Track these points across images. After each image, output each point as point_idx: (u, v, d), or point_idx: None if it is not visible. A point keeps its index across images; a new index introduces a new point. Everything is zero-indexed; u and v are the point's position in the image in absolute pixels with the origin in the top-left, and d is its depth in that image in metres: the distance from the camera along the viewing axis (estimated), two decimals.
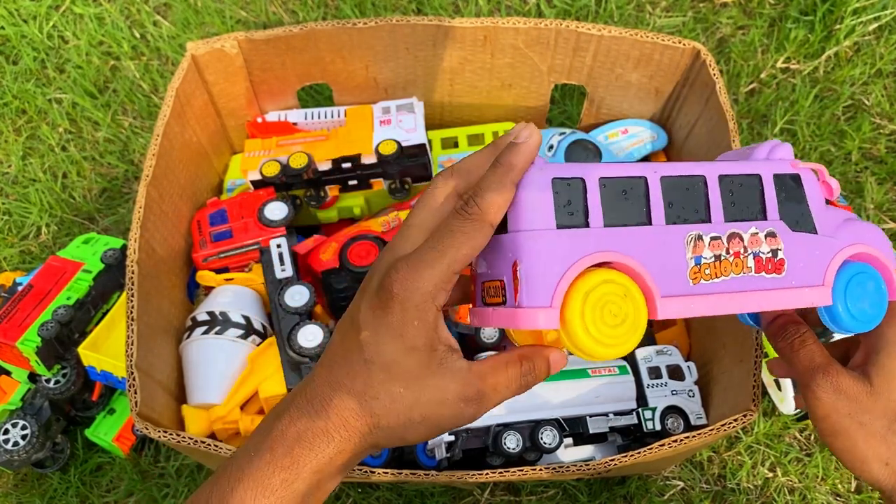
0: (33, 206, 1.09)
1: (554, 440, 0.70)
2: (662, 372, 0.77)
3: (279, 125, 0.94)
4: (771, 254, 0.42)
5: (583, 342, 0.37)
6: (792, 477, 0.92)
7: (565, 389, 0.73)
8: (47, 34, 1.21)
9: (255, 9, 1.22)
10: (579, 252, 0.37)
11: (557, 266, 0.37)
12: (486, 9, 1.20)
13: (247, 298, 0.82)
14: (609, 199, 0.39)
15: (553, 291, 0.37)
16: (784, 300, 0.42)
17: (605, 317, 0.37)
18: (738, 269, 0.41)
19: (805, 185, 0.43)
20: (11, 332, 0.83)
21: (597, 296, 0.37)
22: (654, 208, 0.39)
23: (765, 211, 0.42)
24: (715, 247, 0.40)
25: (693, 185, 0.41)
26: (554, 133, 0.91)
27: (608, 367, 0.75)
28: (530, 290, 0.37)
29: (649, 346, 0.78)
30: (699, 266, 0.40)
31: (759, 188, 0.42)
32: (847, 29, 1.15)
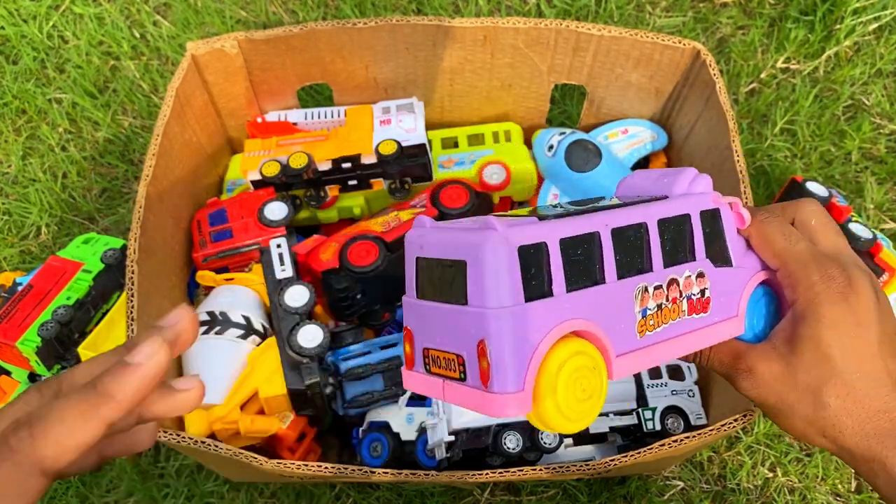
0: (33, 206, 1.09)
1: (554, 440, 0.70)
2: (662, 372, 0.77)
3: (279, 125, 0.94)
4: (700, 294, 0.41)
5: (553, 420, 0.35)
6: (792, 477, 0.92)
7: None
8: (47, 34, 1.21)
9: (255, 9, 1.22)
10: (548, 325, 0.34)
11: (528, 344, 0.34)
12: (486, 9, 1.20)
13: (247, 298, 0.82)
14: (568, 262, 0.36)
15: (525, 373, 0.34)
16: (707, 338, 0.42)
17: (576, 392, 0.36)
18: (675, 315, 0.40)
19: (723, 218, 0.43)
20: (11, 332, 0.83)
21: (568, 371, 0.35)
22: (606, 264, 0.37)
23: (694, 251, 0.41)
24: (657, 296, 0.39)
25: (637, 233, 0.39)
26: (554, 133, 0.91)
27: None
28: (500, 374, 0.33)
29: None
30: (645, 318, 0.39)
31: (688, 228, 0.41)
32: (847, 29, 1.15)
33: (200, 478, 0.91)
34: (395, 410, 0.79)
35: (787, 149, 1.11)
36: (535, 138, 0.94)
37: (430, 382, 0.38)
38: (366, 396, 0.80)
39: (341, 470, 0.66)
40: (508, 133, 0.96)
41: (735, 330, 0.44)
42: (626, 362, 0.38)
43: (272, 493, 0.91)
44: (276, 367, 0.76)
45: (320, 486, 0.90)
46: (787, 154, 1.10)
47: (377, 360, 0.81)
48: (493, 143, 0.95)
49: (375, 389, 0.80)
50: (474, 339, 0.34)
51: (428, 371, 0.38)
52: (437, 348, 0.37)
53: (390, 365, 0.81)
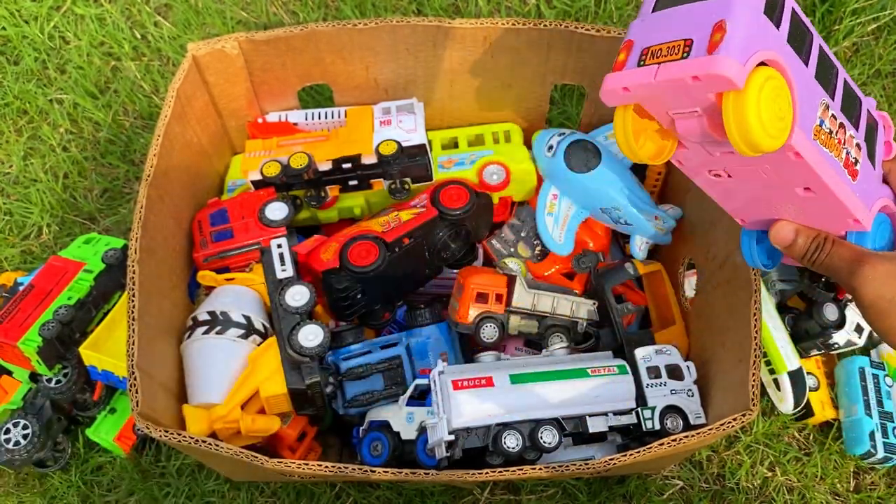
0: (34, 207, 1.09)
1: (554, 440, 0.70)
2: (662, 371, 0.77)
3: (280, 125, 0.94)
4: (854, 160, 0.50)
5: (752, 125, 0.42)
6: (791, 476, 0.92)
7: (565, 389, 0.73)
8: (48, 35, 1.21)
9: (256, 9, 1.22)
10: (772, 45, 0.43)
11: (758, 40, 0.42)
12: (486, 10, 1.20)
13: (247, 298, 0.82)
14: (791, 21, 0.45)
15: (749, 56, 0.41)
16: (846, 197, 0.49)
17: (773, 108, 0.42)
18: (837, 153, 0.48)
19: (879, 133, 0.53)
20: (13, 332, 0.83)
21: (771, 86, 0.42)
22: (812, 55, 0.46)
23: (858, 126, 0.51)
24: (832, 122, 0.48)
25: (832, 66, 0.49)
26: (554, 133, 0.91)
27: (608, 366, 0.75)
28: (732, 43, 0.41)
29: (648, 346, 0.78)
30: (820, 128, 0.47)
31: (859, 107, 0.51)
32: (846, 29, 1.15)
33: (201, 477, 0.91)
34: (395, 410, 0.80)
35: None
36: (535, 139, 0.94)
37: (639, 73, 0.46)
38: (366, 396, 0.80)
39: (341, 469, 0.66)
40: (508, 133, 0.96)
41: (864, 220, 0.51)
42: (802, 140, 0.45)
43: (273, 492, 0.91)
44: (276, 367, 0.76)
45: (321, 485, 0.91)
46: None
47: (377, 359, 0.81)
48: (493, 144, 0.95)
49: (375, 389, 0.80)
50: (712, 22, 0.42)
51: (641, 64, 0.46)
52: (661, 42, 0.45)
53: (390, 364, 0.81)
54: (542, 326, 0.83)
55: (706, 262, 0.82)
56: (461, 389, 0.70)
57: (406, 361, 0.81)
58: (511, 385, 0.72)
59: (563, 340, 0.82)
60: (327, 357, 0.81)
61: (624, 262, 0.87)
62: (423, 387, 0.78)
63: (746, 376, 0.66)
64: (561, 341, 0.82)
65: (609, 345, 0.82)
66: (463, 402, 0.70)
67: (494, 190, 0.92)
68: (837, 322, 0.90)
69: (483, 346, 0.81)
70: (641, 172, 0.95)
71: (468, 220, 0.86)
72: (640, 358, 0.77)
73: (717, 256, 0.78)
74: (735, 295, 0.72)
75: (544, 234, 0.89)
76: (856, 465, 0.93)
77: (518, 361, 0.77)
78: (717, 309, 0.77)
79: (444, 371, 0.72)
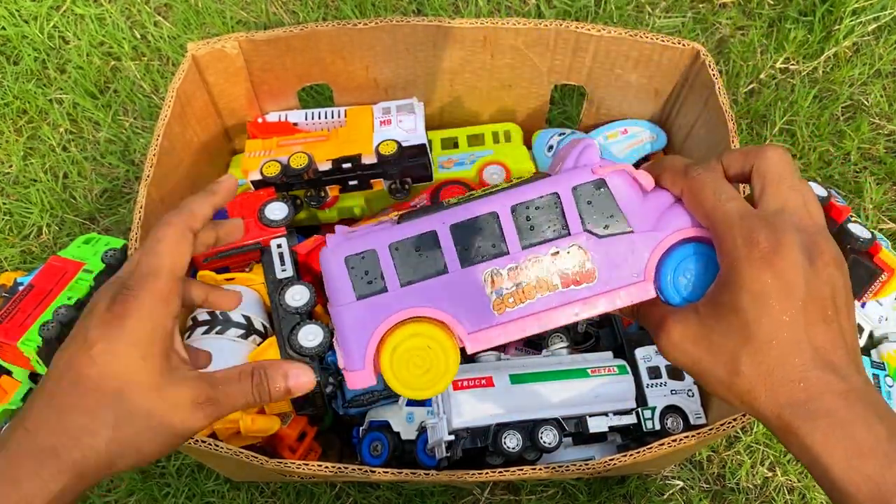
0: (34, 207, 1.09)
1: (554, 440, 0.70)
2: (662, 371, 0.77)
3: (279, 125, 0.94)
4: (578, 267, 0.43)
5: (398, 388, 0.42)
6: (791, 476, 0.92)
7: (565, 389, 0.73)
8: (48, 34, 1.21)
9: (256, 9, 1.22)
10: (381, 316, 0.42)
11: (362, 333, 0.42)
12: (486, 9, 1.20)
13: (247, 298, 0.82)
14: (404, 260, 0.42)
15: (364, 355, 0.42)
16: (601, 304, 0.43)
17: (410, 368, 0.42)
18: (543, 290, 0.42)
19: (612, 187, 0.43)
20: (12, 332, 0.83)
21: (401, 350, 0.42)
22: (447, 256, 0.42)
23: (567, 226, 0.43)
24: (514, 276, 0.42)
25: (486, 223, 0.42)
26: (553, 133, 0.92)
27: (608, 366, 0.75)
28: (346, 356, 0.43)
29: (649, 346, 0.78)
30: (501, 297, 0.42)
31: (558, 205, 0.43)
32: (846, 29, 1.15)
33: (201, 477, 0.91)
34: (395, 410, 0.80)
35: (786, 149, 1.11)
36: (535, 138, 0.94)
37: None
38: (366, 396, 0.80)
39: (341, 469, 0.66)
40: (508, 133, 0.96)
41: (643, 293, 0.43)
42: (484, 337, 0.42)
43: (272, 492, 0.91)
44: None
45: (320, 486, 0.90)
46: None
47: None
48: (493, 144, 0.95)
49: (375, 389, 0.80)
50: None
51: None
52: None
53: None
54: None
55: None
56: (461, 389, 0.70)
57: None
58: (511, 385, 0.71)
59: (564, 340, 0.82)
60: (327, 357, 0.81)
61: None
62: None
63: None
64: (561, 341, 0.82)
65: (609, 345, 0.82)
66: (463, 402, 0.70)
67: None
68: None
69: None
70: None
71: None
72: (640, 358, 0.77)
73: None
74: None
75: None
76: None
77: (518, 362, 0.76)
78: None
79: None
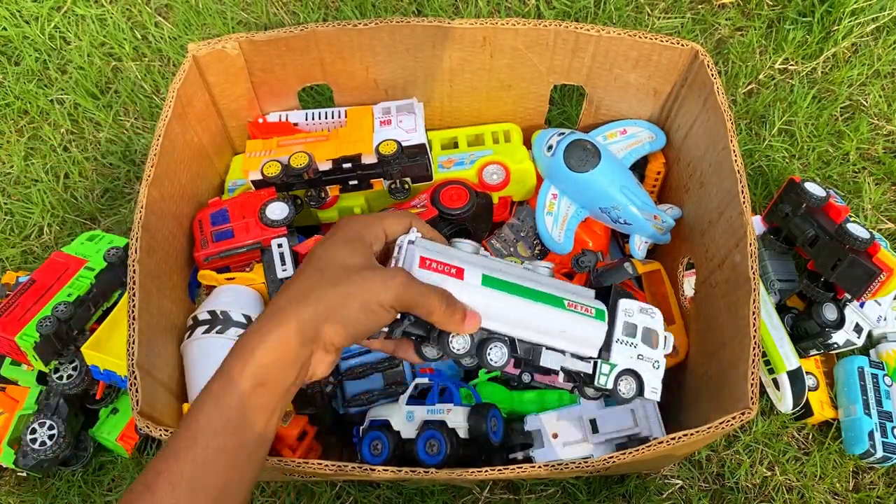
0: (35, 207, 1.09)
1: (501, 359, 0.62)
2: (637, 332, 0.68)
3: (280, 126, 0.95)
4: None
5: None
6: (790, 475, 0.92)
7: (533, 312, 0.63)
8: (49, 35, 1.22)
9: (256, 10, 1.22)
10: None
11: None
12: (485, 10, 1.21)
13: (248, 298, 0.82)
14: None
15: None
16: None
17: None
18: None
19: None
20: (11, 327, 0.83)
21: None
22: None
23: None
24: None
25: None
26: (553, 133, 0.92)
27: (587, 306, 0.65)
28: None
29: (635, 302, 0.68)
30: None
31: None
32: (845, 30, 1.16)
33: None
34: (395, 408, 0.80)
35: (785, 149, 1.11)
36: (535, 138, 0.94)
37: None
38: (366, 395, 0.80)
39: (342, 468, 0.66)
40: (508, 133, 0.96)
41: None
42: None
43: (273, 491, 0.91)
44: None
45: (321, 484, 0.91)
46: (785, 154, 1.11)
47: (377, 358, 0.81)
48: (493, 144, 0.95)
49: (375, 388, 0.80)
50: None
51: None
52: None
53: (390, 364, 0.81)
54: None
55: (705, 262, 0.82)
56: (427, 269, 0.59)
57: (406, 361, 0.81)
58: (480, 286, 0.60)
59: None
60: None
61: (623, 262, 0.87)
62: (423, 386, 0.78)
63: (745, 375, 0.66)
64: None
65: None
66: (425, 280, 0.59)
67: (494, 190, 0.92)
68: (836, 322, 0.90)
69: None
70: (640, 172, 0.96)
71: (468, 220, 0.86)
72: (622, 309, 0.68)
73: (716, 256, 0.79)
74: (734, 294, 0.72)
75: (544, 234, 0.89)
76: (855, 464, 0.93)
77: (497, 264, 0.64)
78: (717, 308, 0.78)
79: (416, 242, 0.61)
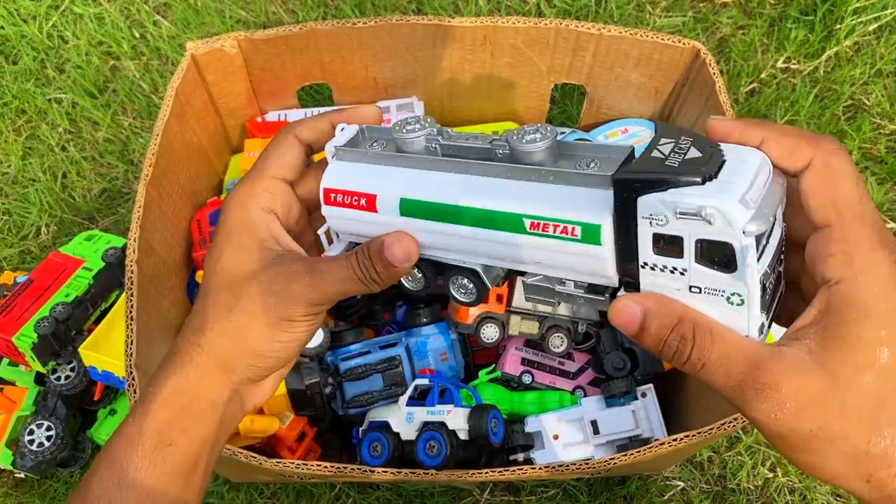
0: (33, 206, 1.09)
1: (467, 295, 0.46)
2: (688, 246, 0.34)
3: (279, 125, 0.94)
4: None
5: None
6: (792, 477, 0.92)
7: (481, 240, 0.41)
8: (47, 34, 1.21)
9: (255, 8, 1.22)
10: None
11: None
12: (485, 9, 1.20)
13: None
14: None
15: None
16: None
17: None
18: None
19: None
20: (8, 327, 0.83)
21: None
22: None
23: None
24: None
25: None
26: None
27: (567, 223, 0.38)
28: None
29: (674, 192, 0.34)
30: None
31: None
32: (847, 29, 1.15)
33: None
34: (394, 410, 0.79)
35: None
36: None
37: None
38: (365, 396, 0.80)
39: (341, 469, 0.66)
40: None
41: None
42: None
43: (272, 493, 0.91)
44: None
45: (320, 486, 0.90)
46: None
47: (377, 359, 0.81)
48: None
49: (375, 389, 0.80)
50: None
51: None
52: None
53: (390, 365, 0.81)
54: (542, 327, 0.83)
55: None
56: (332, 206, 0.44)
57: (405, 361, 0.81)
58: (399, 217, 0.43)
59: (564, 341, 0.82)
60: (327, 357, 0.80)
61: None
62: (422, 387, 0.78)
63: None
64: (561, 342, 0.82)
65: (609, 345, 0.82)
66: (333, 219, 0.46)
67: None
68: None
69: (483, 346, 0.80)
70: None
71: None
72: (645, 213, 0.34)
73: None
74: None
75: None
76: None
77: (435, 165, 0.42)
78: None
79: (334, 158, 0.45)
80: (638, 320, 0.35)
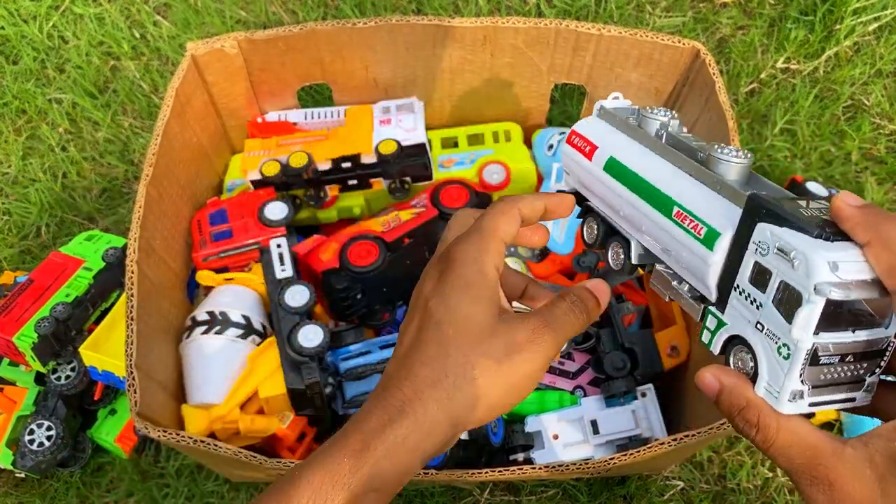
0: (33, 206, 1.09)
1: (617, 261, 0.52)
2: (771, 283, 0.36)
3: (279, 125, 0.94)
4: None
5: None
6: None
7: (642, 214, 0.46)
8: (47, 34, 1.21)
9: (255, 9, 1.22)
10: None
11: None
12: (485, 9, 1.20)
13: (247, 298, 0.82)
14: None
15: None
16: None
17: None
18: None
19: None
20: (8, 327, 0.83)
21: None
22: None
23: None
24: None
25: None
26: (554, 133, 0.91)
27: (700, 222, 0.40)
28: None
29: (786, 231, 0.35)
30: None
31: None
32: (847, 29, 1.15)
33: (200, 477, 0.91)
34: None
35: (787, 149, 1.11)
36: (535, 138, 0.94)
37: None
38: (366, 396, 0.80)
39: None
40: (508, 133, 0.96)
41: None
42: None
43: None
44: (276, 367, 0.76)
45: None
46: (787, 154, 1.10)
47: (377, 359, 0.81)
48: (493, 143, 0.95)
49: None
50: None
51: None
52: None
53: None
54: None
55: None
56: (570, 146, 0.52)
57: None
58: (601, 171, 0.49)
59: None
60: (327, 357, 0.80)
61: None
62: None
63: None
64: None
65: (609, 345, 0.82)
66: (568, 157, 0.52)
67: (494, 189, 0.91)
68: None
69: None
70: None
71: None
72: (756, 239, 0.37)
73: None
74: None
75: None
76: None
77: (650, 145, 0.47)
78: None
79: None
80: (714, 392, 0.37)
